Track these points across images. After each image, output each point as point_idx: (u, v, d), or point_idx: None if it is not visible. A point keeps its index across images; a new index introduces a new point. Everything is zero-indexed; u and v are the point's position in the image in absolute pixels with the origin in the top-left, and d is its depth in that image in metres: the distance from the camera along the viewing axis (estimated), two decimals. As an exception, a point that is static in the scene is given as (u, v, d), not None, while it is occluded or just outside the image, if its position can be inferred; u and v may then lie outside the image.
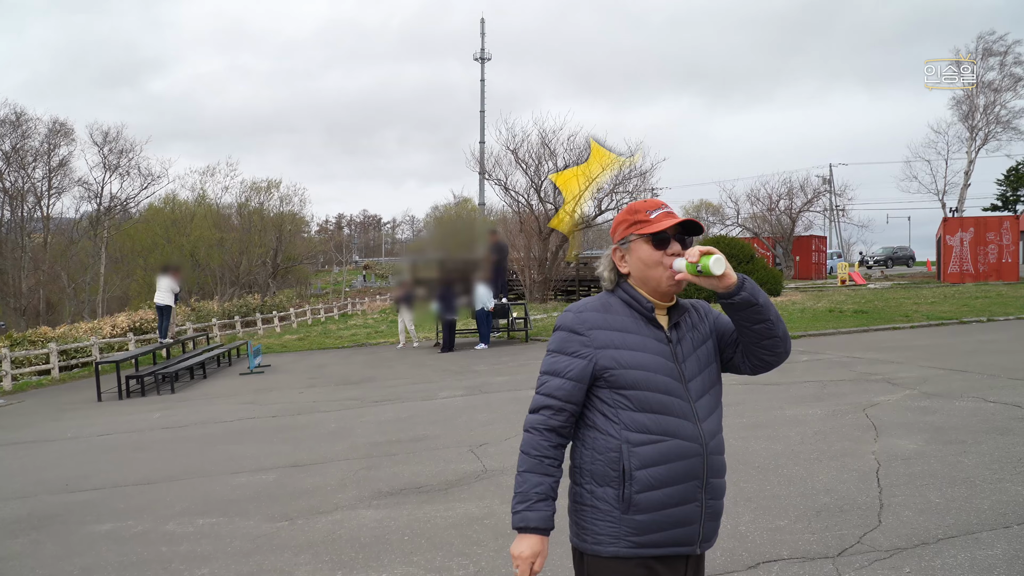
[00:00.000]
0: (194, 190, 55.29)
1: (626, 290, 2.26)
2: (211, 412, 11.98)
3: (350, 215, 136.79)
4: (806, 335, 16.48)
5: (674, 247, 2.18)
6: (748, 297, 2.14)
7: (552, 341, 2.27)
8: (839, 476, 5.84)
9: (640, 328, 2.21)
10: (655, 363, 2.17)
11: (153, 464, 8.27)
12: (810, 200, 47.16)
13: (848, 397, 8.90)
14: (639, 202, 2.28)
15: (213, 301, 40.87)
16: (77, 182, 49.53)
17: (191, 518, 6.07)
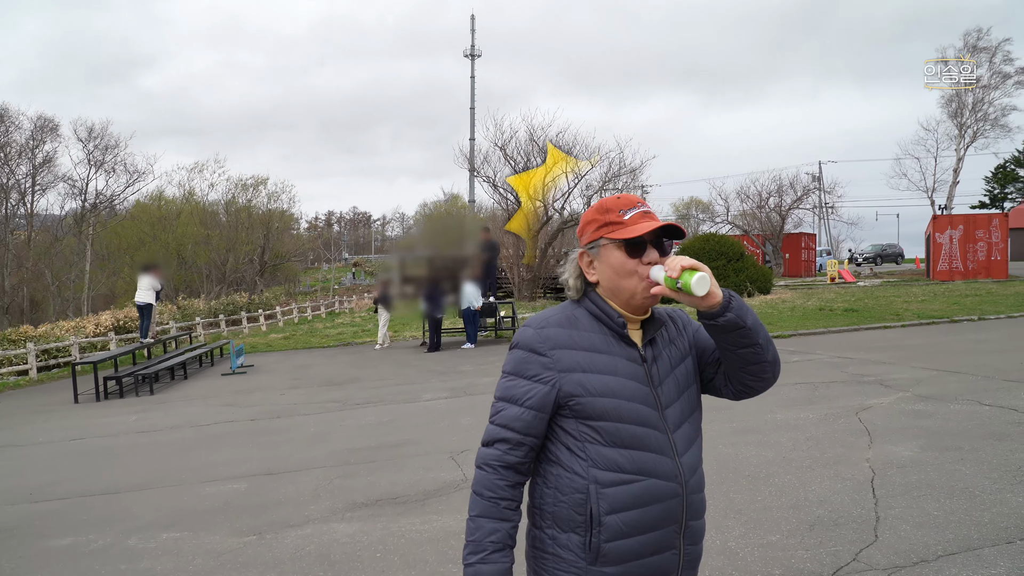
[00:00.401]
0: (181, 187, 54.83)
1: (594, 302, 1.96)
2: (188, 415, 11.67)
3: (340, 212, 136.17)
4: (796, 334, 16.29)
5: (651, 255, 1.89)
6: (734, 319, 1.85)
7: (508, 362, 1.96)
8: (833, 486, 5.60)
9: (610, 347, 1.92)
10: (628, 389, 1.89)
11: (123, 471, 7.98)
12: (800, 197, 47.07)
13: (840, 400, 8.67)
14: (611, 199, 1.96)
15: (199, 299, 40.49)
16: (61, 178, 48.99)
17: (155, 532, 5.78)
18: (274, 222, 55.85)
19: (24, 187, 47.68)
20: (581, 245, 2.01)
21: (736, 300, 1.88)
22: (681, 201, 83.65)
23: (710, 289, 1.80)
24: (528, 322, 1.98)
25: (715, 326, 1.87)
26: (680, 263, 1.81)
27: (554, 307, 2.03)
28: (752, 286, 25.78)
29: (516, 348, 1.95)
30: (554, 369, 1.87)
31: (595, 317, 1.95)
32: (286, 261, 58.98)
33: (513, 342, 1.98)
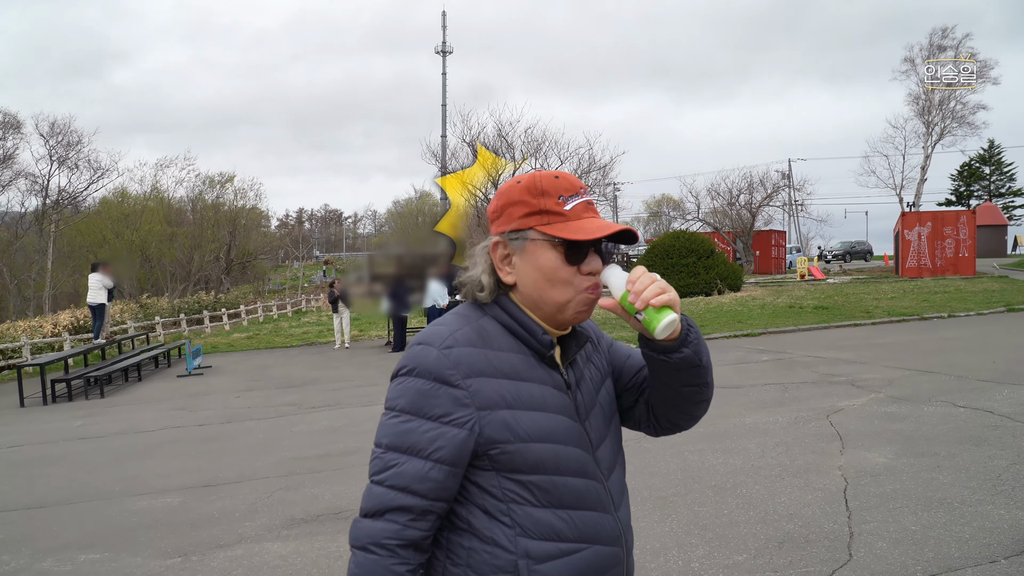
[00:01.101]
0: (143, 183, 53.74)
1: (509, 311, 1.49)
2: (135, 420, 11.13)
3: (311, 210, 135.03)
4: (767, 332, 16.03)
5: (593, 262, 1.46)
6: (690, 356, 1.47)
7: (400, 394, 1.42)
8: (803, 497, 5.25)
9: (534, 372, 1.47)
10: (562, 429, 1.46)
11: (54, 483, 7.47)
12: (770, 195, 47.06)
13: (811, 402, 8.35)
14: (546, 177, 1.47)
15: (164, 298, 39.67)
16: (20, 174, 47.73)
17: (73, 553, 5.30)
18: (241, 219, 54.96)
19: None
20: (494, 230, 1.51)
21: (695, 332, 1.48)
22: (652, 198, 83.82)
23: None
24: (423, 337, 1.46)
25: (664, 362, 1.47)
26: (650, 290, 1.37)
27: (450, 316, 1.52)
28: (722, 283, 25.57)
29: (411, 374, 1.41)
30: (471, 406, 1.38)
31: (511, 332, 1.48)
32: (254, 259, 58.09)
33: (404, 366, 1.43)
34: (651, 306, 1.37)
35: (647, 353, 1.50)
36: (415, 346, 1.45)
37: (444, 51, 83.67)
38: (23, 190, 52.81)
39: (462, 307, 1.55)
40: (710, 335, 15.89)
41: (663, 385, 1.54)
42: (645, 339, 1.48)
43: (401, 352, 17.59)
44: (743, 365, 11.60)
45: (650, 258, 27.24)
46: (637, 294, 1.37)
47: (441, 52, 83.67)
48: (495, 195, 1.54)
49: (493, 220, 1.52)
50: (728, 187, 46.65)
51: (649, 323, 1.38)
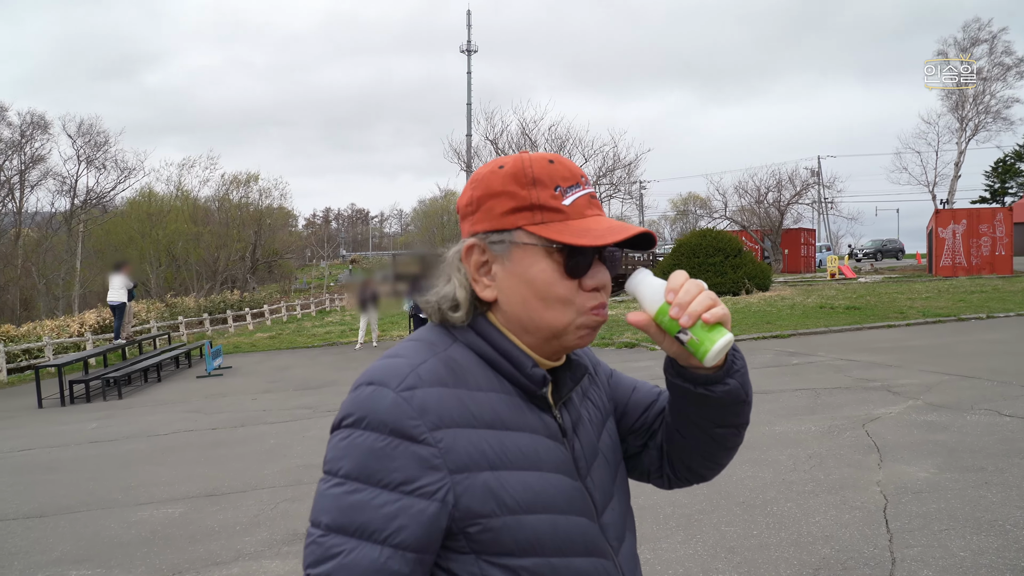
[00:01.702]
0: (170, 183, 54.09)
1: (489, 338, 1.12)
2: (149, 423, 10.94)
3: (338, 209, 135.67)
4: (796, 334, 15.53)
5: (599, 274, 1.11)
6: (736, 390, 1.15)
7: (343, 453, 1.02)
8: (839, 516, 4.87)
9: (522, 417, 1.10)
10: (561, 491, 1.10)
11: (57, 490, 7.25)
12: (798, 192, 46.29)
13: (845, 409, 7.93)
14: (537, 161, 1.11)
15: (190, 297, 39.78)
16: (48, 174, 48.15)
17: (64, 568, 5.05)
18: (266, 219, 55.12)
19: (13, 184, 46.89)
20: (468, 230, 1.15)
21: (741, 358, 1.16)
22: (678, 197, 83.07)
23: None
24: (374, 374, 1.06)
25: (703, 397, 1.14)
26: (699, 302, 1.06)
27: (410, 344, 1.13)
28: (750, 283, 25.04)
29: (360, 428, 1.01)
30: (442, 468, 1.00)
31: (491, 365, 1.11)
32: (279, 258, 58.25)
33: (348, 415, 1.03)
34: (701, 323, 1.05)
35: (679, 385, 1.16)
36: (362, 387, 1.05)
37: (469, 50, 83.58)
38: (52, 190, 53.48)
39: (426, 331, 1.17)
40: (738, 336, 15.45)
41: (692, 425, 1.21)
42: (678, 367, 1.15)
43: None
44: (772, 368, 11.18)
45: (676, 257, 26.75)
46: (682, 307, 1.05)
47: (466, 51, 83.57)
48: (469, 182, 1.16)
49: (466, 216, 1.15)
50: (756, 185, 45.96)
51: (697, 346, 1.06)
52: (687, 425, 1.22)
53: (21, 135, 45.55)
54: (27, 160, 46.52)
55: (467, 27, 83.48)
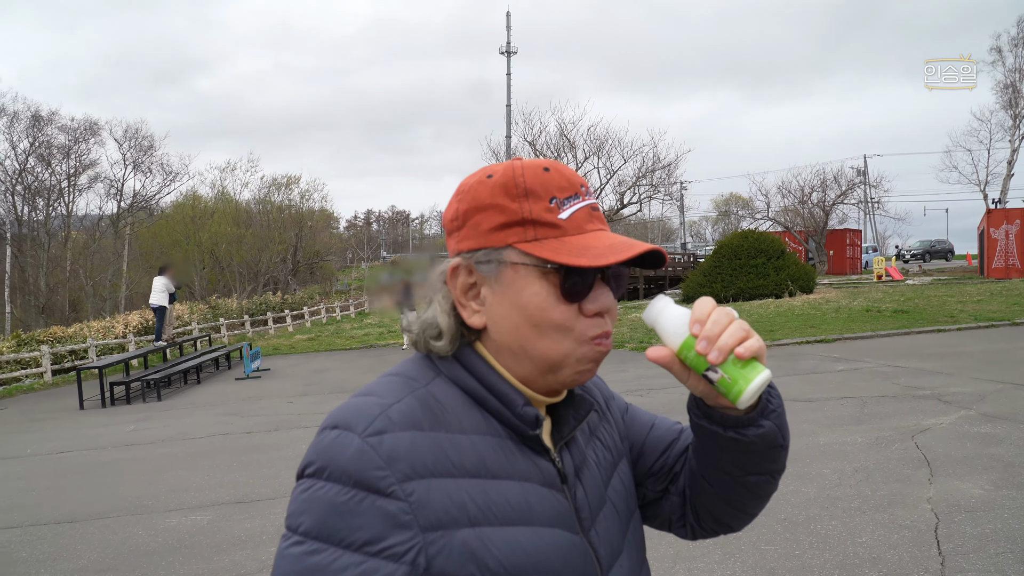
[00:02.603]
0: (214, 186, 54.93)
1: (476, 371, 0.97)
2: (185, 426, 10.98)
3: (379, 211, 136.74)
4: (841, 338, 15.14)
5: (602, 298, 0.96)
6: (771, 433, 1.00)
7: (303, 507, 0.86)
8: (888, 536, 4.62)
9: (511, 463, 0.94)
10: (556, 549, 0.93)
11: (89, 494, 7.25)
12: (844, 192, 45.50)
13: (893, 419, 7.63)
14: (530, 168, 0.96)
15: (232, 298, 40.29)
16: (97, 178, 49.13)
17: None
18: (307, 221, 55.64)
19: (63, 188, 47.90)
20: (454, 248, 1.00)
21: (777, 396, 1.02)
22: (720, 197, 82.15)
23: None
24: (340, 416, 0.91)
25: (733, 441, 1.00)
26: (730, 335, 0.91)
27: (386, 380, 0.98)
28: (794, 285, 24.57)
29: (321, 478, 0.87)
30: (413, 526, 0.85)
31: (477, 402, 0.97)
32: (320, 260, 58.75)
33: (310, 463, 0.89)
34: (733, 358, 0.90)
35: (704, 426, 1.01)
36: (327, 431, 0.90)
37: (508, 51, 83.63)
38: (100, 194, 54.55)
39: (408, 363, 1.01)
40: (780, 340, 15.11)
41: (719, 472, 1.06)
42: (704, 407, 1.00)
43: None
44: (816, 375, 10.87)
45: (717, 259, 26.37)
46: (710, 341, 0.91)
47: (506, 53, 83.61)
48: (455, 194, 1.01)
49: (452, 232, 1.00)
50: (800, 185, 45.32)
51: (730, 385, 0.90)
52: (714, 471, 1.06)
53: (71, 140, 46.47)
54: (76, 164, 47.48)
55: (507, 29, 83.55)
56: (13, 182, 44.05)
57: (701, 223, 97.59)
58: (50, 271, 44.33)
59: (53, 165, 46.23)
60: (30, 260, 44.33)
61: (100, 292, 46.98)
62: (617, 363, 13.70)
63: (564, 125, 28.91)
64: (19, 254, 43.58)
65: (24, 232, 45.41)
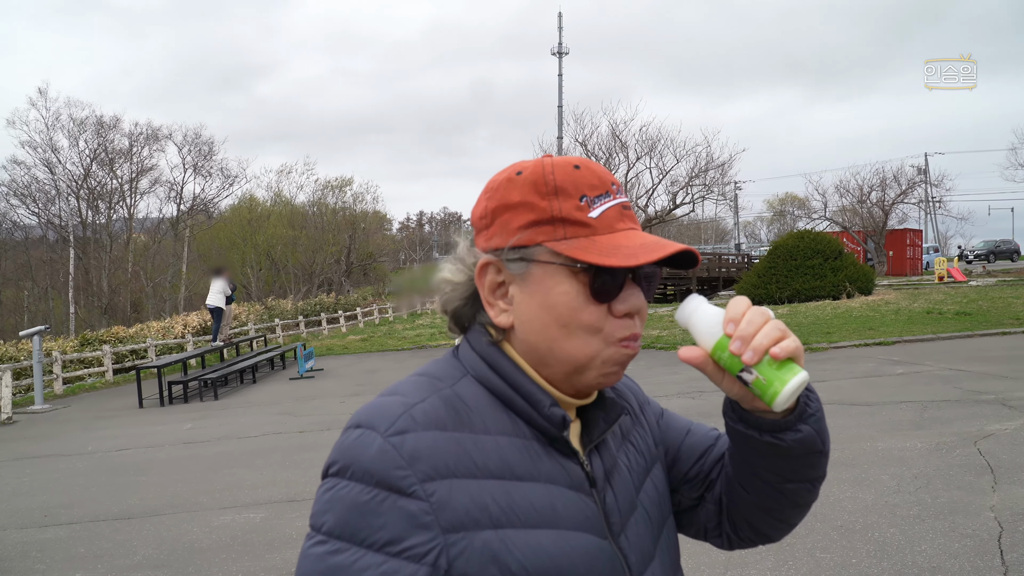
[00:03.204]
0: (270, 189, 55.89)
1: (502, 370, 0.95)
2: (240, 424, 11.16)
3: (431, 213, 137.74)
4: (901, 341, 14.77)
5: (632, 298, 0.93)
6: (810, 438, 0.96)
7: (326, 506, 0.86)
8: (948, 545, 4.47)
9: (536, 465, 0.92)
10: (583, 553, 0.91)
11: (146, 492, 7.40)
12: (904, 191, 44.40)
13: (954, 424, 7.40)
14: (559, 164, 0.95)
15: (287, 300, 40.91)
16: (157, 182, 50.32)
17: (144, 573, 5.09)
18: (361, 223, 56.27)
19: (124, 191, 49.17)
20: (483, 245, 0.98)
21: (816, 400, 0.97)
22: (775, 197, 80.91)
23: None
24: (363, 416, 0.91)
25: (771, 446, 0.96)
26: (765, 335, 0.88)
27: (413, 379, 0.98)
28: (852, 286, 24.06)
29: (344, 477, 0.86)
30: (434, 526, 0.84)
31: (503, 402, 0.95)
32: (373, 262, 59.37)
33: (333, 462, 0.89)
34: (768, 359, 0.86)
35: (739, 431, 0.97)
36: (350, 430, 0.90)
37: (560, 52, 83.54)
38: (161, 197, 55.88)
39: (434, 363, 1.01)
40: (838, 343, 14.81)
41: (756, 479, 1.02)
42: (740, 410, 0.96)
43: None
44: (874, 379, 10.61)
45: (772, 259, 25.95)
46: (744, 341, 0.88)
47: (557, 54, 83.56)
48: (483, 191, 1.00)
49: (480, 230, 0.99)
50: (858, 184, 44.31)
51: (765, 387, 0.87)
52: (751, 478, 1.02)
53: (133, 145, 47.67)
54: (137, 168, 48.68)
55: (558, 30, 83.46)
56: (77, 186, 45.30)
57: (756, 223, 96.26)
58: (112, 273, 45.48)
59: (115, 169, 47.49)
60: (93, 262, 45.51)
61: (160, 293, 48.14)
62: (670, 365, 13.55)
63: (616, 125, 28.66)
64: (83, 256, 44.80)
65: (87, 235, 46.69)
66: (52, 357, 17.44)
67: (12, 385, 14.43)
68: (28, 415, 14.27)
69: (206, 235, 51.82)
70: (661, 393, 10.60)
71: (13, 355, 18.84)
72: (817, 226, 43.70)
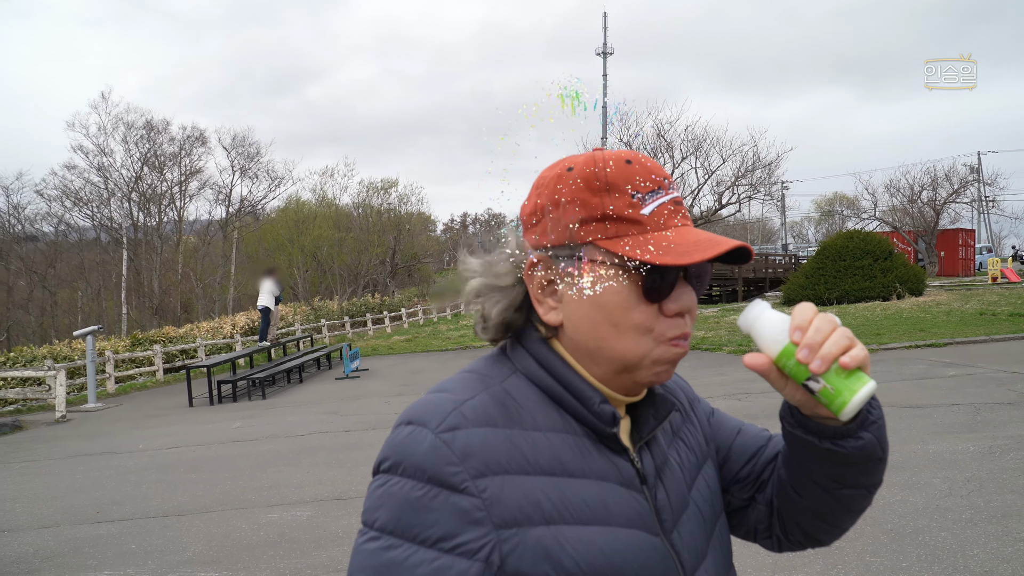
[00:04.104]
0: (315, 191, 56.51)
1: (552, 368, 0.96)
2: (288, 423, 11.31)
3: (475, 214, 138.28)
4: (953, 343, 14.45)
5: (684, 297, 0.93)
6: (871, 445, 0.95)
7: (378, 503, 0.87)
8: (1001, 550, 4.38)
9: (588, 462, 0.93)
10: (635, 550, 0.91)
11: (196, 489, 7.54)
12: (956, 191, 43.41)
13: (1008, 427, 7.23)
14: (611, 158, 0.94)
15: (333, 300, 41.36)
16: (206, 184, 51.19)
17: (193, 569, 5.19)
18: (405, 224, 56.65)
19: (174, 194, 50.12)
20: (532, 242, 0.97)
21: (878, 407, 0.96)
22: (823, 197, 79.68)
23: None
24: (414, 413, 0.92)
25: (830, 452, 0.96)
26: (833, 343, 0.87)
27: (461, 376, 0.99)
28: (902, 287, 23.62)
29: (396, 474, 0.87)
30: (487, 522, 0.84)
31: (554, 399, 0.95)
32: (418, 263, 59.74)
33: (385, 458, 0.90)
34: (836, 368, 0.86)
35: (798, 436, 0.97)
36: (401, 427, 0.92)
37: (605, 52, 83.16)
38: (210, 199, 56.84)
39: (482, 361, 1.03)
40: (888, 344, 14.54)
41: (812, 484, 1.02)
42: (799, 416, 0.96)
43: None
44: (925, 381, 10.40)
45: (820, 260, 25.58)
46: (812, 349, 0.86)
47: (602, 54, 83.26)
48: (533, 187, 1.00)
49: (529, 227, 0.99)
50: (909, 183, 43.42)
51: (832, 396, 0.87)
52: (806, 483, 1.02)
53: (181, 149, 48.56)
54: (186, 171, 49.59)
55: (603, 30, 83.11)
56: (129, 189, 46.29)
57: (803, 223, 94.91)
58: (163, 274, 46.38)
59: (165, 172, 48.43)
60: (144, 263, 46.46)
61: (209, 294, 48.96)
62: (715, 366, 13.44)
63: (661, 125, 28.46)
64: (134, 258, 45.76)
65: (139, 237, 47.69)
66: (105, 357, 17.85)
67: (66, 384, 14.78)
68: (82, 413, 14.61)
69: (254, 237, 52.59)
70: (707, 394, 10.46)
71: (67, 355, 19.32)
72: (867, 226, 42.98)
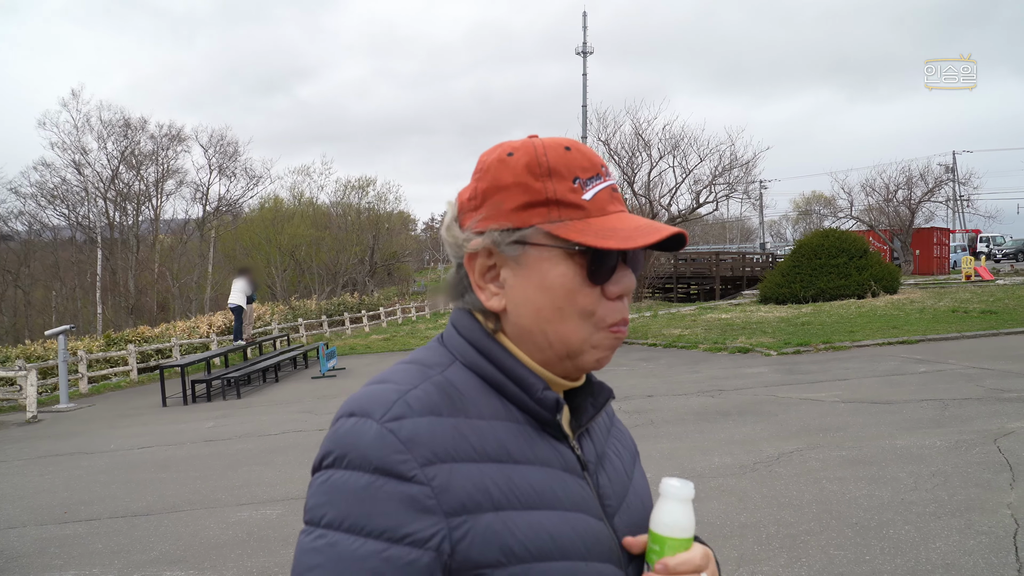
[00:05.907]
0: (292, 190, 56.23)
1: (493, 356, 0.95)
2: (262, 423, 11.25)
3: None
4: (925, 339, 14.59)
5: (624, 280, 0.95)
6: None
7: (323, 498, 0.85)
8: (963, 543, 4.42)
9: (532, 448, 0.93)
10: (581, 533, 0.92)
11: (165, 489, 7.48)
12: (931, 190, 43.81)
13: (975, 422, 7.31)
14: (551, 144, 0.95)
15: (311, 299, 41.18)
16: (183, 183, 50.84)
17: (159, 569, 5.14)
18: (384, 223, 56.48)
19: (151, 193, 49.73)
20: (474, 226, 0.96)
21: None
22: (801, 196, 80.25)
23: None
24: (356, 403, 0.89)
25: None
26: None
27: (401, 366, 0.97)
28: (877, 285, 23.81)
29: (340, 467, 0.86)
30: (436, 511, 0.83)
31: (495, 388, 0.95)
32: (397, 262, 59.59)
33: (328, 452, 0.87)
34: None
35: None
36: (343, 419, 0.89)
37: (584, 52, 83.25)
38: (187, 198, 56.46)
39: (422, 351, 1.01)
40: (861, 342, 14.67)
41: None
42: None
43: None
44: (896, 377, 10.50)
45: (796, 258, 25.75)
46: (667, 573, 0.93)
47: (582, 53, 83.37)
48: (474, 172, 0.99)
49: (469, 211, 0.97)
50: (884, 182, 43.77)
51: None
52: None
53: (158, 147, 48.18)
54: (163, 170, 49.21)
55: (583, 29, 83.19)
56: (105, 188, 45.88)
57: (781, 222, 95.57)
58: (139, 273, 46.02)
59: (142, 171, 48.03)
60: (120, 263, 46.10)
61: (186, 293, 48.62)
62: (690, 364, 13.51)
63: (639, 124, 28.45)
64: (110, 257, 45.39)
65: (115, 236, 47.27)
66: (78, 356, 17.65)
67: (38, 384, 14.62)
68: (53, 414, 14.45)
69: (231, 236, 52.27)
70: (681, 392, 10.56)
71: (41, 354, 19.11)
72: (843, 225, 43.27)
